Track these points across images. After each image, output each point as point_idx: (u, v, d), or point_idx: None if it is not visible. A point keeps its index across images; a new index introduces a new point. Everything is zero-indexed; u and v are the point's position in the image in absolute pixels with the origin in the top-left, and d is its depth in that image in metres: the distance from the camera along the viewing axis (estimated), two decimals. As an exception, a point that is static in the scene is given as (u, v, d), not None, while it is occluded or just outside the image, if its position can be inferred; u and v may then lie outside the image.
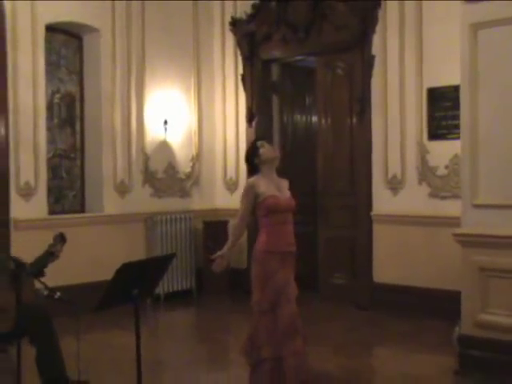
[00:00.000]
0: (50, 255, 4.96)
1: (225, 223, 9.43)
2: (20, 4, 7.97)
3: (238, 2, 9.61)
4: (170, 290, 9.11)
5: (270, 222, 5.41)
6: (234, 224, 5.72)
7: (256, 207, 5.42)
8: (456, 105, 6.44)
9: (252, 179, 5.53)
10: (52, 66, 8.59)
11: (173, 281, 9.10)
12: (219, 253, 5.37)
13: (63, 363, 5.21)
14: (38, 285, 4.87)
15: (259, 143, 5.67)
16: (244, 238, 9.39)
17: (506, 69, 5.61)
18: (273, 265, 5.30)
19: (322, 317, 8.23)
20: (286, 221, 5.44)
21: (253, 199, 5.41)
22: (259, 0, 9.21)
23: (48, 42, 8.41)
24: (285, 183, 5.65)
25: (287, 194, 5.56)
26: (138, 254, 8.45)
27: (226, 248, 5.44)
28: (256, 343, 5.32)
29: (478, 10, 5.69)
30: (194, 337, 7.97)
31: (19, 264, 4.81)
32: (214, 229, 9.45)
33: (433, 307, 7.54)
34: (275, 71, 9.71)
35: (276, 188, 5.49)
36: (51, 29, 8.43)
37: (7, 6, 7.86)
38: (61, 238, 5.03)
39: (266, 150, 5.57)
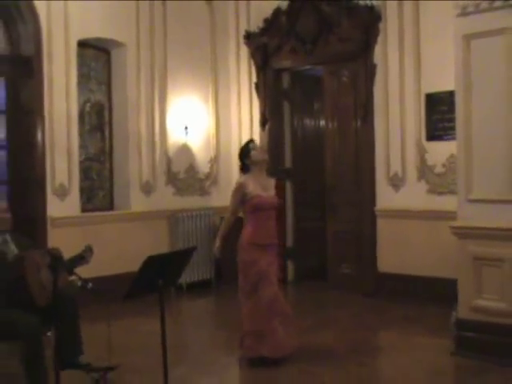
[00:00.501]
0: (81, 258, 5.06)
1: (240, 219, 9.39)
2: (55, 22, 8.02)
3: (252, 17, 9.60)
4: (192, 280, 9.11)
5: (254, 217, 5.75)
6: (225, 217, 6.08)
7: (243, 204, 5.75)
8: (452, 108, 6.44)
9: (242, 179, 5.85)
10: (83, 78, 8.61)
11: (194, 271, 9.10)
12: (216, 244, 5.89)
13: (81, 348, 5.24)
14: (72, 276, 4.94)
15: (252, 145, 5.95)
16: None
17: (497, 75, 5.60)
18: (255, 254, 5.63)
19: (330, 303, 8.27)
20: (269, 217, 5.77)
21: (241, 197, 5.77)
22: (271, 15, 9.21)
23: (80, 56, 8.43)
24: (271, 182, 5.94)
25: (272, 192, 5.85)
26: (162, 247, 8.47)
27: (218, 238, 5.94)
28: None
29: (470, 22, 5.69)
30: (214, 322, 8.00)
31: (57, 256, 4.88)
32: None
33: (432, 294, 7.52)
34: (286, 79, 9.69)
35: (262, 188, 5.78)
36: (82, 44, 8.46)
37: (43, 24, 7.91)
38: (89, 249, 5.14)
39: (256, 153, 5.87)
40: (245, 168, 5.89)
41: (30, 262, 4.79)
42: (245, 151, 5.89)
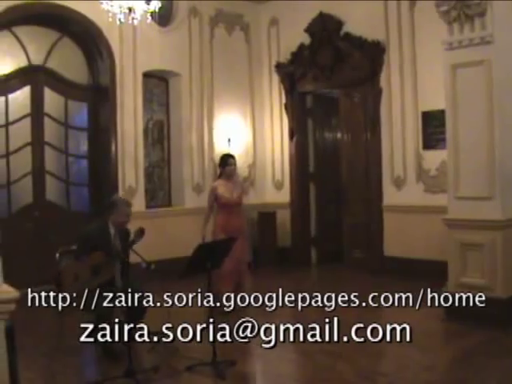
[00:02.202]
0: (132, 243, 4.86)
1: (274, 213, 9.46)
2: (125, 59, 8.23)
3: (281, 51, 9.64)
4: (234, 262, 9.16)
5: (222, 211, 6.41)
6: (204, 212, 6.64)
7: (216, 201, 6.42)
8: (443, 124, 6.36)
9: (215, 183, 6.61)
10: (147, 101, 8.74)
11: (236, 255, 9.14)
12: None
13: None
14: (138, 259, 4.95)
15: (230, 161, 6.54)
16: (288, 226, 9.55)
17: (477, 97, 5.65)
18: (222, 235, 6.11)
19: (346, 281, 8.22)
20: (232, 211, 6.41)
21: (214, 196, 6.46)
22: (296, 49, 9.28)
23: (144, 84, 8.56)
24: (237, 186, 6.57)
25: (237, 194, 6.48)
26: (209, 237, 8.51)
27: (201, 228, 6.42)
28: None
29: (456, 55, 5.76)
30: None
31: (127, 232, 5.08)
32: (265, 218, 9.46)
33: (427, 272, 7.45)
34: (309, 100, 9.70)
35: (229, 191, 6.44)
36: (147, 75, 8.60)
37: (117, 60, 8.12)
38: (141, 232, 4.77)
39: (231, 169, 6.52)
40: (220, 173, 6.57)
41: (68, 272, 4.87)
42: (224, 162, 6.54)
